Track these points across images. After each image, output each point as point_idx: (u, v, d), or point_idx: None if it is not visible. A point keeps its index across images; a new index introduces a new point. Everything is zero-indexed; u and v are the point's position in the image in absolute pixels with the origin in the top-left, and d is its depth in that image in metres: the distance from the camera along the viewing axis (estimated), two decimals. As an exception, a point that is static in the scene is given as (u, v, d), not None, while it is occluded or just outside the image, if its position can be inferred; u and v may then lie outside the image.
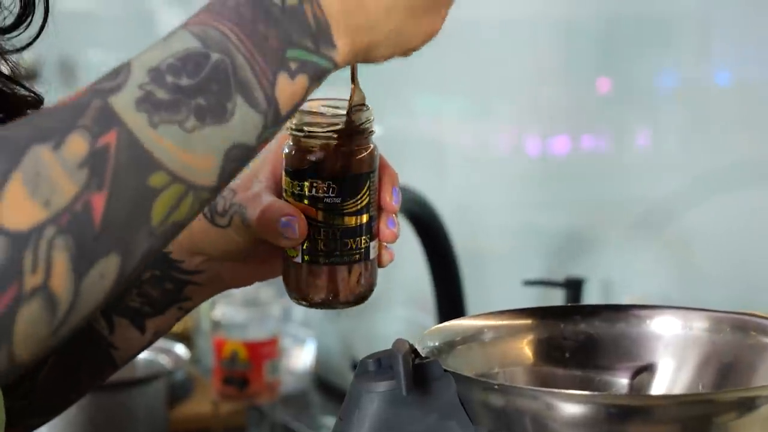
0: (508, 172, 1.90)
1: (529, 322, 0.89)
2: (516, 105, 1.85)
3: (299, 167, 0.87)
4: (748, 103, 1.52)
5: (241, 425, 1.93)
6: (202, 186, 0.68)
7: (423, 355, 0.80)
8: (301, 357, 2.05)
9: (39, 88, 0.93)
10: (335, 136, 0.86)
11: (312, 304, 0.89)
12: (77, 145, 0.65)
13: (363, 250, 0.88)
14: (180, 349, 1.92)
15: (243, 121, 0.69)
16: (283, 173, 0.88)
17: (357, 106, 0.87)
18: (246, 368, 1.91)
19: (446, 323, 0.87)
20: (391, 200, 0.88)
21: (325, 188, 0.86)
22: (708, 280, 1.55)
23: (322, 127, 0.86)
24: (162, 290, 0.94)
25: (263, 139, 0.71)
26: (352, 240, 0.87)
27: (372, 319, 1.99)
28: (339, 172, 0.86)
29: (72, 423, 1.14)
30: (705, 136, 1.56)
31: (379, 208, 0.88)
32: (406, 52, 0.77)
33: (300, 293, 0.89)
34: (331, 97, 0.88)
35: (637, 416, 0.74)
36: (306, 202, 0.87)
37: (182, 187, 0.67)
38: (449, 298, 1.58)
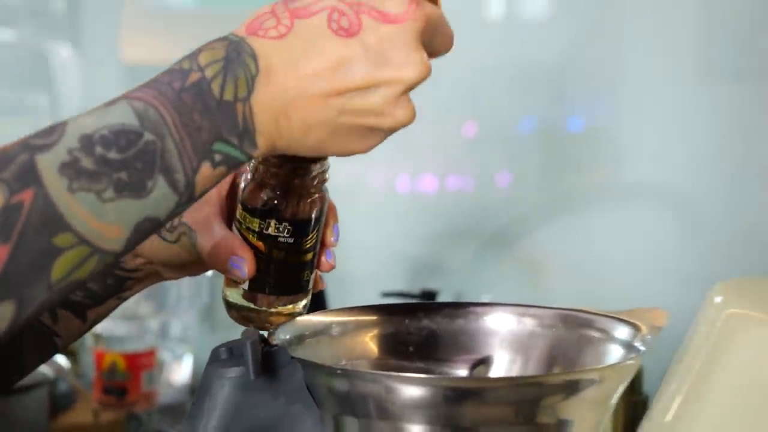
0: (379, 207, 1.89)
1: (375, 318, 0.88)
2: (387, 145, 1.84)
3: (256, 205, 0.83)
4: (596, 145, 1.53)
5: (120, 433, 1.88)
6: (107, 251, 0.67)
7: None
8: (180, 371, 2.02)
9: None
10: (296, 180, 0.82)
11: (245, 323, 0.86)
12: None
13: (304, 283, 0.85)
14: (61, 359, 1.89)
15: (159, 199, 0.68)
16: (239, 205, 0.84)
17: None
18: (125, 378, 1.89)
19: (296, 319, 0.85)
20: (332, 237, 0.86)
21: (280, 228, 0.83)
22: (552, 289, 1.55)
23: (285, 171, 0.82)
24: (103, 285, 0.92)
25: (173, 215, 0.69)
26: (297, 275, 0.85)
27: (245, 334, 1.97)
28: (295, 215, 0.83)
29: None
30: (558, 176, 1.57)
31: (321, 243, 0.87)
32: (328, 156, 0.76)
33: (237, 313, 0.86)
34: None
35: (471, 398, 0.73)
36: (258, 237, 0.83)
37: (87, 249, 0.65)
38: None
